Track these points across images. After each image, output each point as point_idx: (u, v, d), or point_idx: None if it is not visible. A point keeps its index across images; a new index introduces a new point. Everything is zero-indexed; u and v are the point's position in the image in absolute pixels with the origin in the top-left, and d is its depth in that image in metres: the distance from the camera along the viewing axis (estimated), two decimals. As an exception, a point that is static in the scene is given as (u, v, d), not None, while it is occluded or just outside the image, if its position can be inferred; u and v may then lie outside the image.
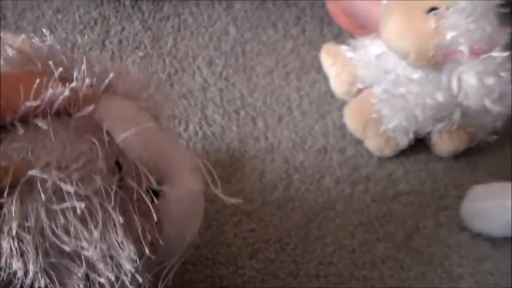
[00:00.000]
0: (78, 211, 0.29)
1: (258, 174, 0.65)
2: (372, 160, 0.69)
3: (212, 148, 0.67)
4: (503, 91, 0.66)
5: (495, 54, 0.64)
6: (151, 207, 0.33)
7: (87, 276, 0.31)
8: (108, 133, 0.33)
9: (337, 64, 0.73)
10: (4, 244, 0.27)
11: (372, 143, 0.69)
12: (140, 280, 0.32)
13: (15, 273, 0.28)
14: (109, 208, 0.30)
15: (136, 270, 0.32)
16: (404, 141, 0.69)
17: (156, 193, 0.35)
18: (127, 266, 0.31)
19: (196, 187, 0.38)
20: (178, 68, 0.73)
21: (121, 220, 0.31)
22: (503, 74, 0.65)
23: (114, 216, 0.30)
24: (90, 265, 0.30)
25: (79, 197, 0.29)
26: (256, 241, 0.60)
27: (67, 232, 0.29)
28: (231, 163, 0.64)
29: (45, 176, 0.28)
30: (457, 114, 0.67)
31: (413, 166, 0.70)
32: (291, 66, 0.77)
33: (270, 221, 0.62)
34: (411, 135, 0.69)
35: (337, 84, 0.73)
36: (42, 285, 0.29)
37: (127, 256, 0.31)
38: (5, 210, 0.27)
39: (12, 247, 0.27)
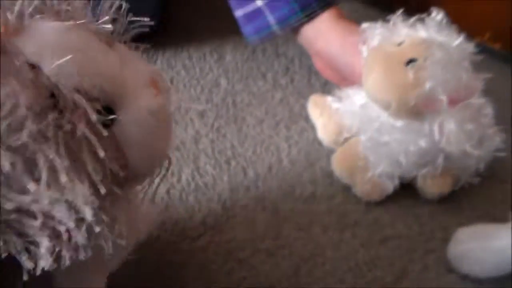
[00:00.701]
0: (19, 166, 0.26)
1: (249, 223, 0.67)
2: (359, 206, 0.71)
3: (204, 198, 0.69)
4: (482, 135, 0.68)
5: (472, 101, 0.67)
6: (99, 137, 0.30)
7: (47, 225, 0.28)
8: (35, 66, 0.29)
9: (324, 115, 0.76)
10: None
11: (360, 189, 0.72)
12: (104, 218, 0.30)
13: None
14: (50, 153, 0.27)
15: (99, 208, 0.30)
16: (390, 186, 0.71)
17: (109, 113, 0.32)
18: (85, 209, 0.29)
19: (154, 103, 0.34)
20: (171, 121, 0.76)
21: (66, 163, 0.28)
22: (481, 119, 0.68)
23: (57, 160, 0.27)
24: (47, 215, 0.28)
25: (13, 149, 0.26)
26: (248, 289, 0.62)
27: (12, 188, 0.27)
28: (222, 212, 0.67)
29: None
30: (440, 159, 0.69)
31: (400, 211, 0.72)
32: (280, 116, 0.80)
33: (261, 269, 0.64)
34: (396, 180, 0.71)
35: (324, 135, 0.76)
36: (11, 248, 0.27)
37: (82, 199, 0.28)
38: None
39: None
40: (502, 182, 0.75)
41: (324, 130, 0.76)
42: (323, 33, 0.76)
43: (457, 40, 0.66)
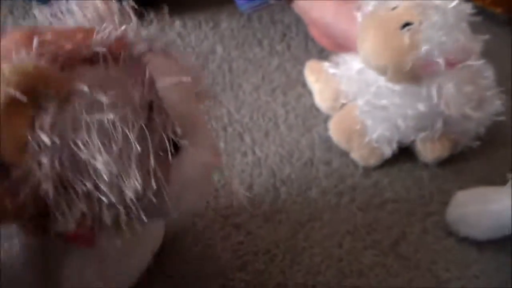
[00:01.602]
0: (101, 130, 0.31)
1: (245, 188, 0.67)
2: (357, 171, 0.71)
3: (201, 164, 0.69)
4: (482, 97, 0.67)
5: (471, 62, 0.66)
6: (169, 152, 0.35)
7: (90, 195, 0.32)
8: (151, 77, 0.35)
9: (320, 81, 0.75)
10: (35, 136, 0.30)
11: (357, 154, 0.71)
12: (141, 217, 0.34)
13: (32, 168, 0.31)
14: (130, 136, 0.32)
15: (135, 205, 0.33)
16: (388, 151, 0.70)
17: (175, 149, 0.37)
18: (129, 194, 0.32)
19: (210, 161, 0.39)
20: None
21: (139, 149, 0.32)
22: (481, 81, 0.67)
23: (133, 144, 0.32)
24: (96, 184, 0.32)
25: (105, 118, 0.32)
26: (245, 254, 0.62)
27: (86, 145, 0.31)
28: (219, 178, 0.66)
29: (84, 88, 0.31)
30: (439, 123, 0.68)
31: (399, 175, 0.71)
32: (277, 82, 0.79)
33: (258, 233, 0.63)
34: (394, 145, 0.70)
35: (321, 100, 0.75)
36: (50, 186, 0.31)
37: (132, 185, 0.32)
38: (44, 111, 0.30)
39: (40, 142, 0.30)
40: (501, 145, 0.74)
41: (320, 96, 0.75)
42: (317, 2, 0.75)
43: (453, 2, 0.65)
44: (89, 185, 0.32)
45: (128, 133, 0.32)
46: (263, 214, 0.65)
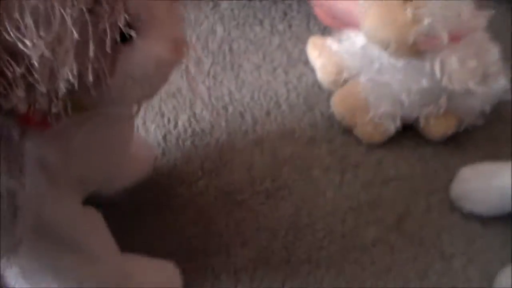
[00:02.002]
0: (34, 11, 0.29)
1: (247, 166, 0.66)
2: (361, 148, 0.70)
3: (202, 143, 0.68)
4: (486, 73, 0.66)
5: (475, 37, 0.65)
6: (115, 42, 0.32)
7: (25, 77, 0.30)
8: None
9: (323, 56, 0.74)
10: None
11: (361, 131, 0.70)
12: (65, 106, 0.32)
13: None
14: (68, 21, 0.29)
15: (70, 93, 0.31)
16: (391, 127, 0.70)
17: (124, 39, 0.34)
18: (61, 84, 0.31)
19: (167, 56, 0.36)
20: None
21: (76, 36, 0.30)
22: (485, 56, 0.66)
23: (70, 28, 0.30)
24: (29, 69, 0.30)
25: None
26: (247, 230, 0.61)
27: (16, 28, 0.29)
28: (220, 156, 0.66)
29: None
30: (443, 99, 0.67)
31: (403, 152, 0.70)
32: (278, 61, 0.78)
33: (260, 210, 0.63)
34: (398, 121, 0.69)
35: (324, 75, 0.74)
36: None
37: (66, 73, 0.30)
38: None
39: None
40: (505, 122, 0.73)
41: (323, 71, 0.74)
42: None
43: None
44: (21, 70, 0.30)
45: (65, 17, 0.29)
46: (265, 191, 0.64)
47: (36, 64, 0.29)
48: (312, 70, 0.77)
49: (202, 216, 0.61)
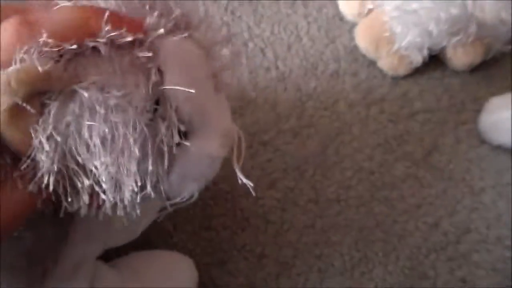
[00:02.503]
0: (102, 133, 0.31)
1: (271, 104, 0.65)
2: (386, 81, 0.68)
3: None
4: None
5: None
6: (173, 147, 0.34)
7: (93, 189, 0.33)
8: (161, 73, 0.33)
9: (346, -15, 0.71)
10: (38, 137, 0.30)
11: (386, 63, 0.68)
12: (136, 211, 0.34)
13: (36, 164, 0.31)
14: (130, 140, 0.32)
15: (133, 202, 0.34)
16: (418, 58, 0.67)
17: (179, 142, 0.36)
18: (127, 195, 0.33)
19: (216, 153, 0.38)
20: (181, 4, 0.72)
21: (137, 154, 0.32)
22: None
23: (132, 148, 0.32)
24: (98, 182, 0.33)
25: (107, 121, 0.31)
26: (274, 171, 0.60)
27: (86, 146, 0.31)
28: (243, 96, 0.64)
29: (85, 93, 0.30)
30: (473, 27, 0.65)
31: (429, 83, 0.68)
32: (297, -8, 0.75)
33: (286, 150, 0.62)
34: (425, 52, 0.67)
35: (346, 6, 0.71)
36: (51, 180, 0.31)
37: (130, 186, 0.33)
38: (47, 110, 0.30)
39: (42, 141, 0.30)
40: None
41: (346, 2, 0.71)
42: None
43: None
44: (90, 182, 0.32)
45: (129, 136, 0.32)
46: (290, 129, 0.63)
47: (103, 176, 0.32)
48: (332, 2, 0.73)
49: (228, 158, 0.60)
